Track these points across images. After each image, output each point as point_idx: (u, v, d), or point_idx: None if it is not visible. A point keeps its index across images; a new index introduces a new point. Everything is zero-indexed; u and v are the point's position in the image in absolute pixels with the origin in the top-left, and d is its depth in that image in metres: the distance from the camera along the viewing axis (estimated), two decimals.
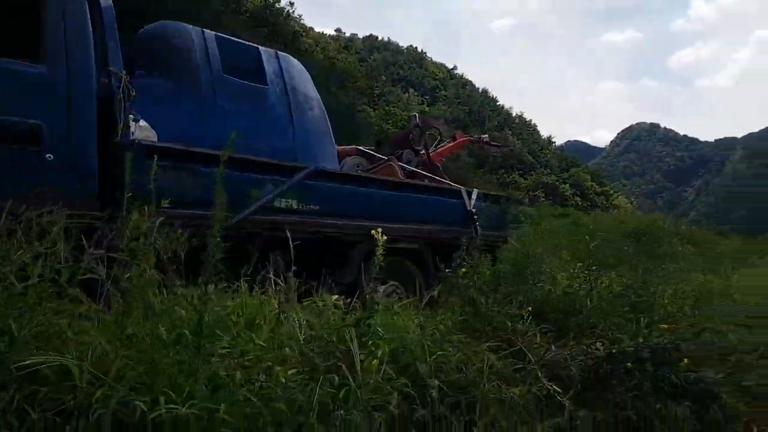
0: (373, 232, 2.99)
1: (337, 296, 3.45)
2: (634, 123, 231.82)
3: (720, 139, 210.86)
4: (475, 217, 6.60)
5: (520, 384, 3.06)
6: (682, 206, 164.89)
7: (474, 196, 6.73)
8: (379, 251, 2.94)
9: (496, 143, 9.95)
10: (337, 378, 2.32)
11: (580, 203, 69.91)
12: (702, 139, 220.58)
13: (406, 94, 72.61)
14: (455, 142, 8.50)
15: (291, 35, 75.80)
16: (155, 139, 4.20)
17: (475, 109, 79.75)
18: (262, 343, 2.47)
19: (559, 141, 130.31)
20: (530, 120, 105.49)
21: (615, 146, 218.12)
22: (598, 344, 3.92)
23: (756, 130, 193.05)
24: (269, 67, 5.53)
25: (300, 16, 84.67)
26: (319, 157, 5.61)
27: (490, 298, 4.51)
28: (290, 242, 3.55)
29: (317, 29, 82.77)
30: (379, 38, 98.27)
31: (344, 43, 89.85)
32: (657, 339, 3.58)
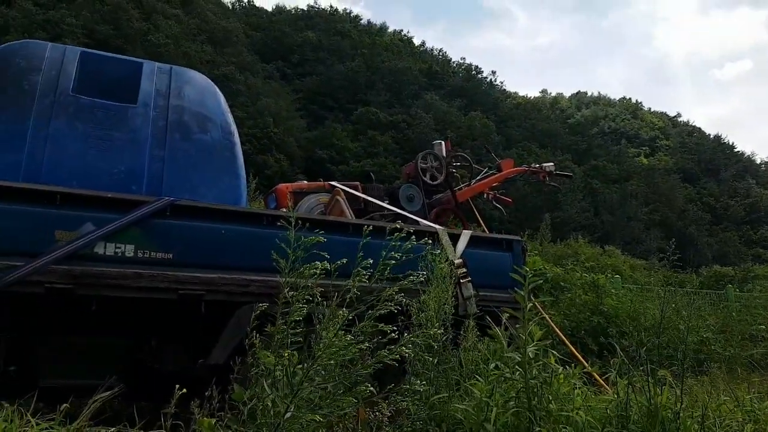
0: None
1: None
2: None
3: None
4: (464, 270, 4.56)
5: None
6: None
7: (463, 241, 4.69)
8: None
9: (563, 173, 7.32)
10: None
11: None
12: None
13: (617, 147, 66.08)
14: (499, 174, 6.34)
15: (492, 102, 76.81)
16: None
17: (704, 157, 69.05)
18: None
19: None
20: None
21: None
22: None
23: None
24: (150, 84, 4.48)
25: (502, 82, 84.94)
26: (203, 189, 4.28)
27: None
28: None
29: (521, 93, 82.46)
30: (588, 94, 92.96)
31: (549, 102, 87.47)
32: None
